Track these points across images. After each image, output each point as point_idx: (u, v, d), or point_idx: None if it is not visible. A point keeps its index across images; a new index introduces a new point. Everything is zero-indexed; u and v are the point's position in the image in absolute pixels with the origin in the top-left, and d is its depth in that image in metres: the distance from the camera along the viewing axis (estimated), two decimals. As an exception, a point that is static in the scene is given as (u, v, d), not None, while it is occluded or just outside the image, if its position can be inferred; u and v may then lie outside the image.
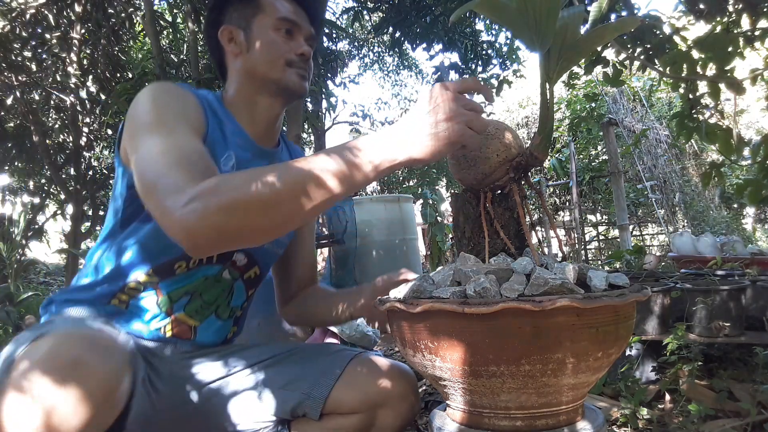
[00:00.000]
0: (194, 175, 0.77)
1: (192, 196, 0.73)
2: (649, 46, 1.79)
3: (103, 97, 5.42)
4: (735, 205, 8.77)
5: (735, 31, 1.73)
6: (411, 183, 9.72)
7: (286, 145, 1.18)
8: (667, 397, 1.69)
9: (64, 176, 6.46)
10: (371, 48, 10.53)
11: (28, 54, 5.27)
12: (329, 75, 5.30)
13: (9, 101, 5.54)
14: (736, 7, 1.75)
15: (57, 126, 6.50)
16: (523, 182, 0.96)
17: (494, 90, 3.57)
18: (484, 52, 4.71)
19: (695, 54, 1.58)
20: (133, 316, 1.03)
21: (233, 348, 1.13)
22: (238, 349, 1.13)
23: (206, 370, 1.06)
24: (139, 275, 1.01)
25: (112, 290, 1.01)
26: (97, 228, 6.38)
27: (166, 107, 0.91)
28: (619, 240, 6.25)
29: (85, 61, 5.55)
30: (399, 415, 1.05)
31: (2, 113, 5.91)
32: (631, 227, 7.56)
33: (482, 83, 0.82)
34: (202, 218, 0.72)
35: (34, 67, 5.38)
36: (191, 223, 0.72)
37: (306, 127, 6.18)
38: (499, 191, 0.96)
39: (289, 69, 1.04)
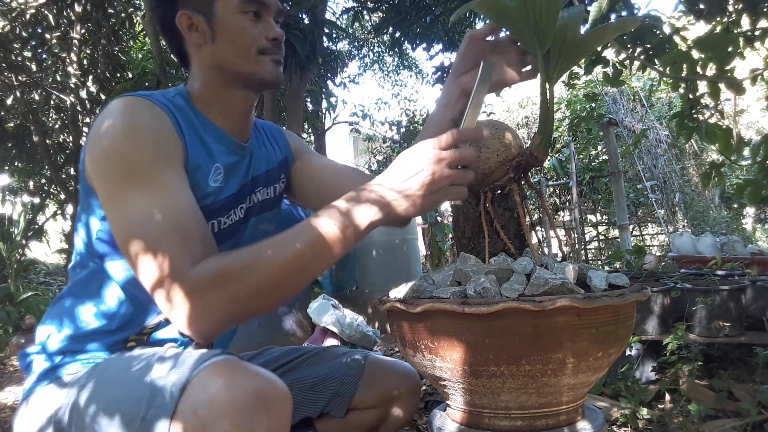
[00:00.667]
0: (191, 253, 0.74)
1: (194, 289, 0.71)
2: (649, 46, 1.79)
3: (103, 97, 5.43)
4: (735, 205, 8.76)
5: (735, 31, 1.73)
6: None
7: (257, 129, 1.08)
8: (667, 397, 1.69)
9: (64, 176, 6.46)
10: (371, 48, 10.52)
11: (28, 54, 5.28)
12: (329, 75, 5.30)
13: (9, 101, 5.54)
14: (736, 7, 1.75)
15: (57, 126, 6.51)
16: (523, 182, 0.96)
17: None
18: (484, 52, 4.71)
19: (695, 54, 1.58)
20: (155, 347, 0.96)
21: (250, 356, 1.14)
22: (255, 355, 1.15)
23: None
24: (153, 314, 0.93)
25: (125, 336, 0.92)
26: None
27: (142, 149, 0.80)
28: (619, 240, 6.25)
29: (85, 61, 5.56)
30: (407, 409, 1.13)
31: (2, 113, 5.91)
32: (631, 227, 7.57)
33: (467, 130, 0.78)
34: (208, 313, 0.72)
35: (34, 67, 5.38)
36: (197, 318, 0.72)
37: (306, 127, 6.19)
38: (499, 191, 0.96)
39: (263, 58, 0.93)
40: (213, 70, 0.94)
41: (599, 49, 1.89)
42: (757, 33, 1.69)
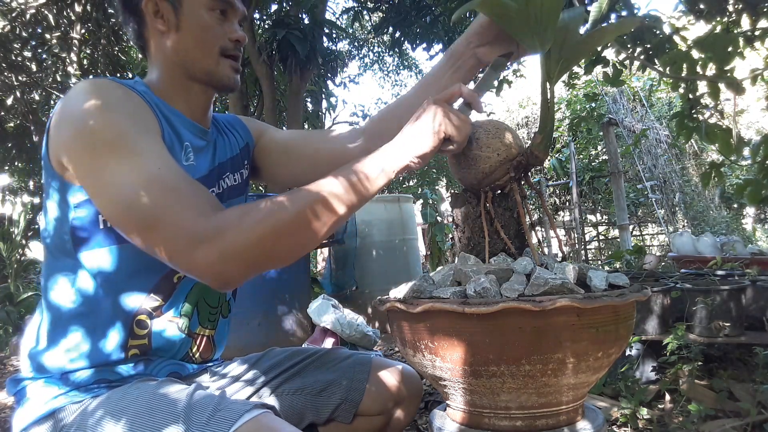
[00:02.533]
0: (200, 206, 0.74)
1: (216, 236, 0.70)
2: (649, 46, 1.79)
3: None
4: (735, 205, 8.77)
5: (735, 31, 1.73)
6: (411, 183, 9.73)
7: (216, 121, 1.08)
8: (667, 397, 1.69)
9: (64, 176, 6.44)
10: (371, 48, 10.53)
11: (28, 54, 5.28)
12: (329, 75, 5.30)
13: (9, 101, 5.54)
14: (736, 7, 1.74)
15: (57, 126, 6.50)
16: (523, 182, 0.95)
17: (494, 90, 3.57)
18: (484, 52, 4.71)
19: (695, 54, 1.58)
20: (160, 357, 0.93)
21: (255, 359, 1.14)
22: (259, 358, 1.14)
23: (239, 388, 1.06)
24: (142, 303, 0.89)
25: (121, 341, 0.87)
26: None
27: (123, 119, 0.79)
28: (619, 240, 6.26)
29: (85, 61, 5.56)
30: (409, 413, 1.13)
31: (2, 113, 5.91)
32: (631, 227, 7.57)
33: (467, 90, 0.85)
34: (233, 257, 0.71)
35: (34, 67, 5.38)
36: (223, 265, 0.71)
37: (306, 127, 6.19)
38: (499, 191, 0.96)
39: (223, 60, 0.95)
40: (173, 59, 0.93)
41: (599, 49, 1.89)
42: (757, 33, 1.69)
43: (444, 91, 0.87)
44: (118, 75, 5.66)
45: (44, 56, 5.41)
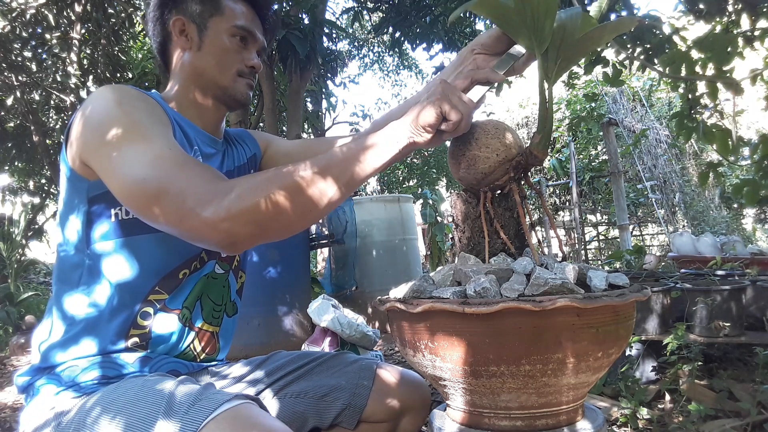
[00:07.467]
0: (207, 176, 0.77)
1: (223, 196, 0.74)
2: (648, 46, 1.79)
3: (103, 97, 5.41)
4: (735, 205, 8.76)
5: (735, 31, 1.73)
6: (411, 183, 9.73)
7: (227, 134, 1.14)
8: (667, 397, 1.70)
9: (64, 176, 6.44)
10: (371, 48, 10.54)
11: (28, 54, 5.28)
12: (329, 75, 5.29)
13: (9, 101, 5.54)
14: (736, 7, 1.75)
15: (57, 126, 6.51)
16: (522, 182, 0.95)
17: (494, 90, 3.57)
18: (483, 52, 4.71)
19: (695, 54, 1.58)
20: (158, 347, 0.95)
21: (259, 361, 1.14)
22: (263, 360, 1.14)
23: (241, 389, 1.06)
24: (147, 295, 0.92)
25: (123, 329, 0.91)
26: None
27: (137, 112, 0.85)
28: (619, 240, 6.26)
29: (85, 61, 5.56)
30: (417, 422, 1.11)
31: (2, 113, 5.91)
32: (631, 227, 7.57)
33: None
34: (240, 214, 0.74)
35: (34, 67, 5.38)
36: (230, 222, 0.73)
37: (306, 127, 6.19)
38: (499, 191, 0.96)
39: (239, 79, 1.02)
40: (192, 74, 1.01)
41: (599, 49, 1.90)
42: (756, 33, 1.69)
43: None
44: (118, 75, 5.66)
45: (44, 56, 5.40)
